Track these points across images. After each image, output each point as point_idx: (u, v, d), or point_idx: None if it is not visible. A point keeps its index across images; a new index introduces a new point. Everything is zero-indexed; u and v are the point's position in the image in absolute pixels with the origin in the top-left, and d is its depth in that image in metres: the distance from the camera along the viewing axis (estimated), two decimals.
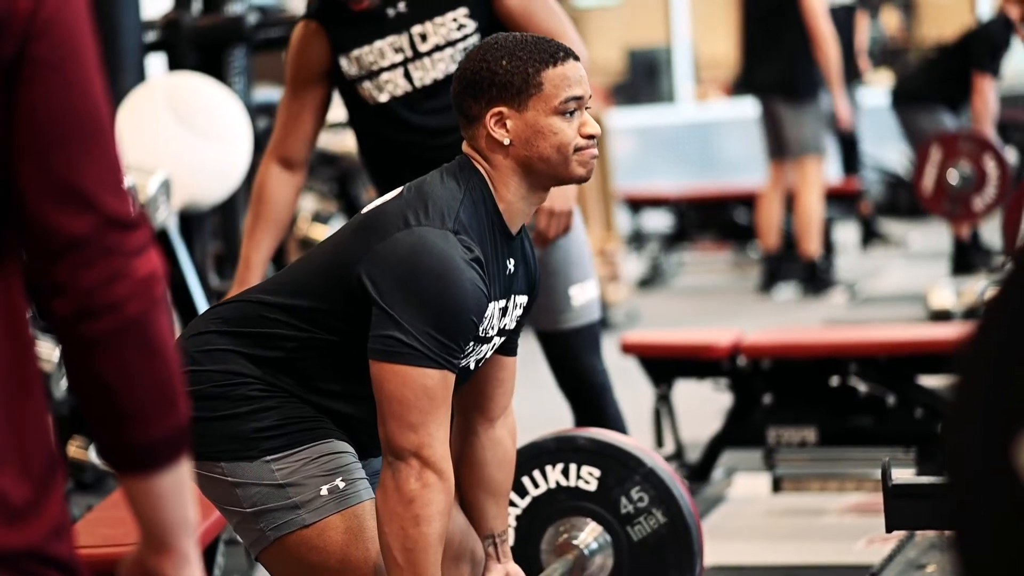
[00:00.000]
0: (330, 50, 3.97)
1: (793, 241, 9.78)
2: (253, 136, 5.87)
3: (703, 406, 5.91)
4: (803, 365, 5.22)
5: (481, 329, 2.98)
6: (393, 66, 3.94)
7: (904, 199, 12.22)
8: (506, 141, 3.00)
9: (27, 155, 1.65)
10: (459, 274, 2.87)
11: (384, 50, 3.95)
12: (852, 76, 10.52)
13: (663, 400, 5.34)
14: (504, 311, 3.06)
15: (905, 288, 9.56)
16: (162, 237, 5.48)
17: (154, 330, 1.69)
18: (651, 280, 10.71)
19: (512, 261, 3.07)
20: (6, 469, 1.64)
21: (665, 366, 5.37)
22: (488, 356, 3.11)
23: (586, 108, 3.06)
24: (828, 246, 9.91)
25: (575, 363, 4.16)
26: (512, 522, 3.64)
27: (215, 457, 2.97)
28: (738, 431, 5.34)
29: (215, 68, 6.21)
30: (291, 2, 10.70)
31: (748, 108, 9.87)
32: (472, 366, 3.07)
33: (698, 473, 5.38)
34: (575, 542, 3.60)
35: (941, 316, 7.94)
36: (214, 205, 5.95)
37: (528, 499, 3.65)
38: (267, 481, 2.96)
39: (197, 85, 5.76)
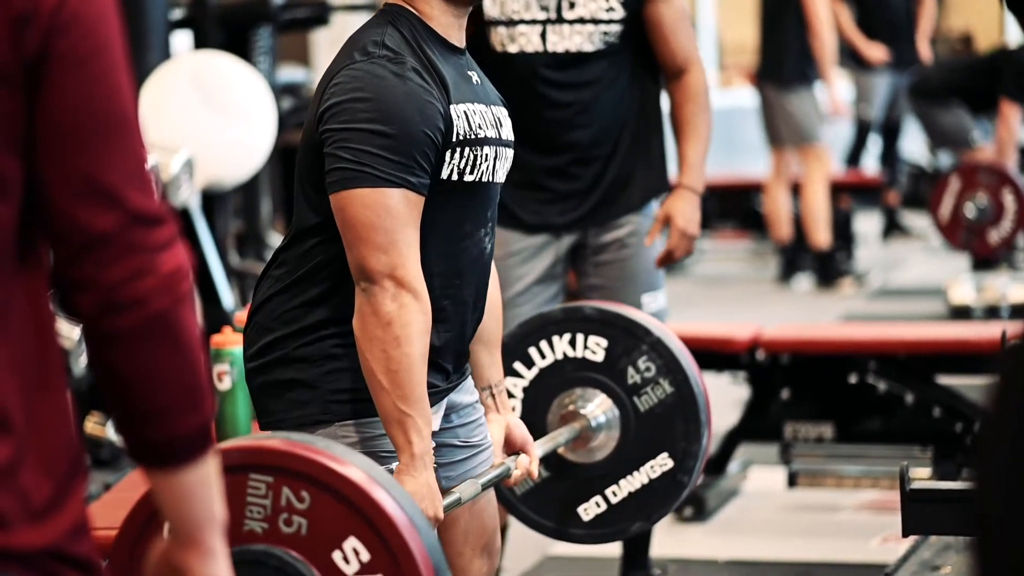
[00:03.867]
0: None
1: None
2: (277, 116, 5.86)
3: (721, 398, 5.88)
4: (822, 361, 5.20)
5: (460, 133, 2.90)
6: (534, 21, 3.95)
7: (926, 191, 12.17)
8: None
9: (51, 151, 1.63)
10: (392, 91, 2.83)
11: (531, 2, 3.95)
12: (912, 62, 10.46)
13: None
14: (497, 121, 3.00)
15: (925, 282, 9.53)
16: (184, 216, 5.49)
17: (179, 326, 1.67)
18: (670, 267, 10.67)
19: (474, 73, 3.02)
20: (28, 467, 1.63)
21: None
22: (505, 166, 3.03)
23: None
24: (848, 237, 9.87)
25: None
26: (519, 393, 3.59)
27: (299, 424, 2.92)
28: (755, 425, 5.33)
29: (240, 47, 6.21)
30: None
31: None
32: (492, 176, 2.98)
33: (714, 466, 5.36)
34: (582, 412, 3.53)
35: (961, 312, 7.92)
36: (236, 184, 5.95)
37: (535, 370, 3.60)
38: None
39: (222, 64, 5.76)
